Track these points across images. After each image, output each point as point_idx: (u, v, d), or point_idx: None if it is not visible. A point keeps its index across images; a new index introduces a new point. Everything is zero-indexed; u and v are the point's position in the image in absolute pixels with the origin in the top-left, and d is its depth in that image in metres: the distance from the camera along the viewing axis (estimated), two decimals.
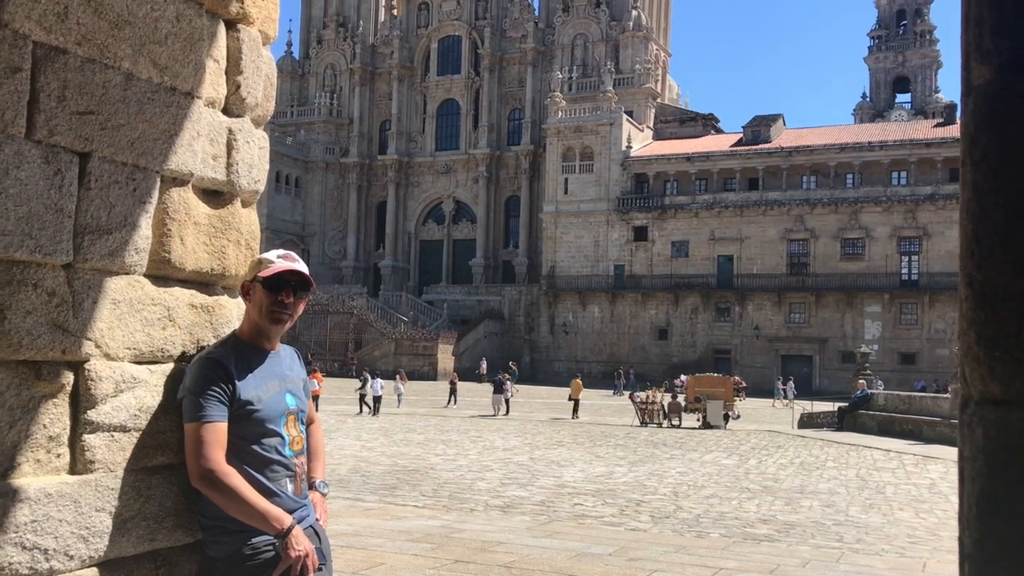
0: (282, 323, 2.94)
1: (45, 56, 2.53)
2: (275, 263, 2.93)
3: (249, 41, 3.25)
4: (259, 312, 2.91)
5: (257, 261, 2.99)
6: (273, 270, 2.91)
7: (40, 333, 2.52)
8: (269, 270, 2.91)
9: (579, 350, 66.58)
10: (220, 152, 3.16)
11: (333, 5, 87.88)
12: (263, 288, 2.89)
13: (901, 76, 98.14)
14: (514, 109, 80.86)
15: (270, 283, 2.89)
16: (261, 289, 2.90)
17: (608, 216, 66.67)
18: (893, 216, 59.39)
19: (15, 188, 2.43)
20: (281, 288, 2.90)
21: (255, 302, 2.92)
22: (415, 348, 62.77)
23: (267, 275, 2.90)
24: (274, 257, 2.97)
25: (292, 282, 2.92)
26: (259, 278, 2.91)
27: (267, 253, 3.02)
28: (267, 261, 2.95)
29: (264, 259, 2.96)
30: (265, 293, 2.89)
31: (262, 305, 2.90)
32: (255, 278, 2.93)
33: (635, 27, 75.60)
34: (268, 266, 2.93)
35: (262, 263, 2.95)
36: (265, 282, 2.89)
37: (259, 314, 2.91)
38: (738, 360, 61.54)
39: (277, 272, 2.90)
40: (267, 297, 2.89)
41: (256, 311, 2.92)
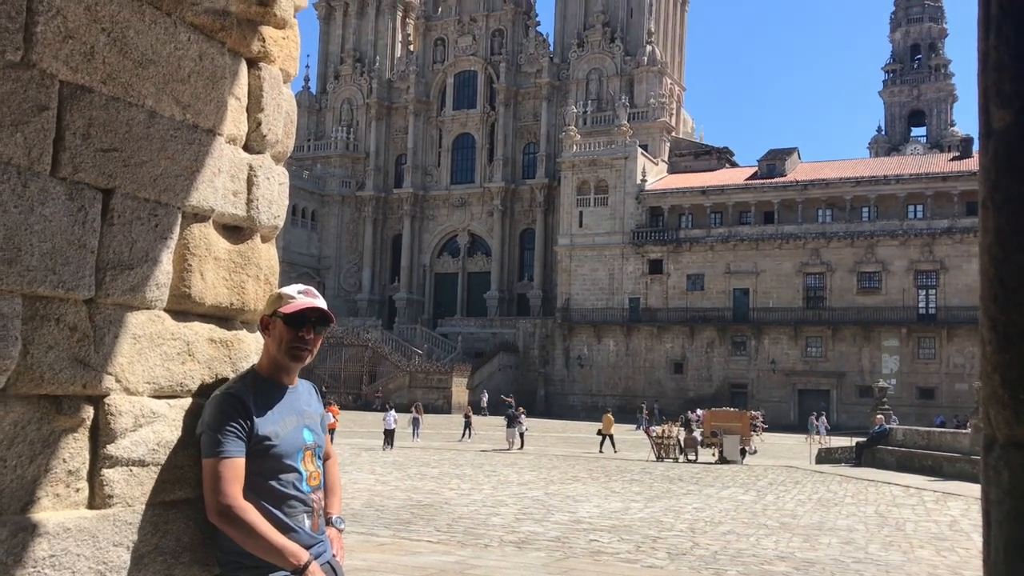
0: (302, 360, 2.94)
1: (71, 95, 2.57)
2: (296, 299, 2.94)
3: (270, 79, 3.30)
4: (279, 348, 2.91)
5: (277, 296, 2.99)
6: (295, 306, 2.92)
7: (62, 368, 2.54)
8: (291, 306, 2.92)
9: (594, 383, 66.32)
10: (240, 188, 3.19)
11: (350, 41, 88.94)
12: (284, 324, 2.90)
13: (916, 110, 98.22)
14: (529, 143, 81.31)
15: (292, 319, 2.90)
16: (282, 325, 2.90)
17: (623, 249, 66.69)
18: (910, 250, 59.14)
19: (40, 224, 2.46)
20: (302, 324, 2.91)
21: (275, 337, 2.92)
22: (429, 381, 62.70)
23: (289, 311, 2.90)
24: (295, 292, 2.97)
25: (313, 318, 2.93)
26: (280, 314, 2.91)
27: (287, 288, 3.02)
28: (287, 296, 2.95)
29: (284, 294, 2.97)
30: (286, 329, 2.90)
31: (282, 341, 2.90)
32: (275, 313, 2.93)
33: (649, 62, 76.08)
34: (289, 301, 2.94)
35: (282, 298, 2.96)
36: (287, 318, 2.90)
37: (279, 350, 2.91)
38: (755, 394, 61.13)
39: (300, 309, 2.91)
40: (288, 333, 2.90)
41: (276, 346, 2.92)
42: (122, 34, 2.71)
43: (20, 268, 2.41)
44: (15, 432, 2.44)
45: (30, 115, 2.45)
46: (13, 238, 2.39)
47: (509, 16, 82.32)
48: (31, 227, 2.44)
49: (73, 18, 2.56)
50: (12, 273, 2.39)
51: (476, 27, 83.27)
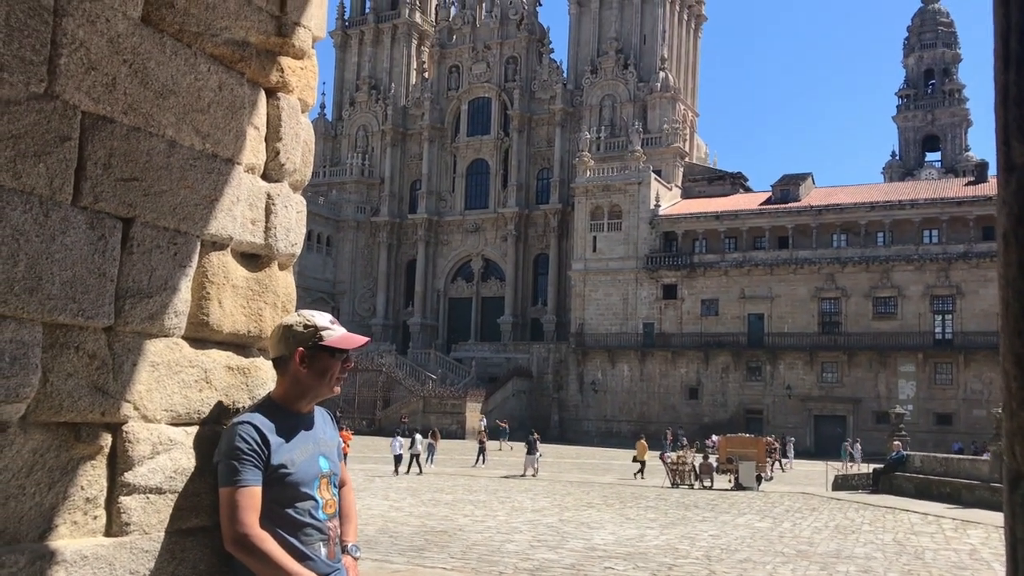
0: (339, 388, 3.01)
1: (93, 125, 2.61)
2: (333, 329, 2.96)
3: (288, 109, 3.34)
4: (323, 378, 2.92)
5: (312, 328, 2.95)
6: (342, 338, 2.95)
7: (81, 395, 2.55)
8: (337, 338, 2.94)
9: (608, 409, 66.05)
10: (259, 216, 3.22)
11: (366, 68, 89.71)
12: (329, 355, 2.92)
13: (931, 135, 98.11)
14: (543, 168, 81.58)
15: (339, 351, 2.94)
16: (328, 356, 2.92)
17: (637, 274, 66.62)
18: (925, 275, 58.83)
19: (61, 253, 2.49)
20: (346, 355, 2.97)
21: (317, 369, 2.91)
22: (443, 406, 62.58)
23: (337, 344, 2.93)
24: (327, 323, 2.98)
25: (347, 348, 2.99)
26: (327, 345, 2.92)
27: (315, 318, 2.99)
28: (323, 327, 2.95)
29: (320, 325, 2.96)
30: (333, 360, 2.93)
31: (329, 372, 2.93)
32: (315, 345, 2.92)
33: (663, 88, 76.36)
34: (328, 334, 2.94)
35: (319, 330, 2.95)
36: (334, 350, 2.93)
37: (322, 380, 2.93)
38: (770, 420, 60.73)
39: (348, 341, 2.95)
40: (335, 365, 2.94)
41: (317, 377, 2.92)
42: (143, 65, 2.75)
43: (41, 296, 2.43)
44: (34, 460, 2.46)
45: (52, 145, 2.48)
46: (34, 267, 2.41)
47: (523, 44, 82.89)
48: (52, 256, 2.47)
49: (96, 50, 2.60)
50: (33, 301, 2.41)
51: (490, 54, 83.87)
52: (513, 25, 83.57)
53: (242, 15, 3.08)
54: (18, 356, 2.36)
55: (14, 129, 2.38)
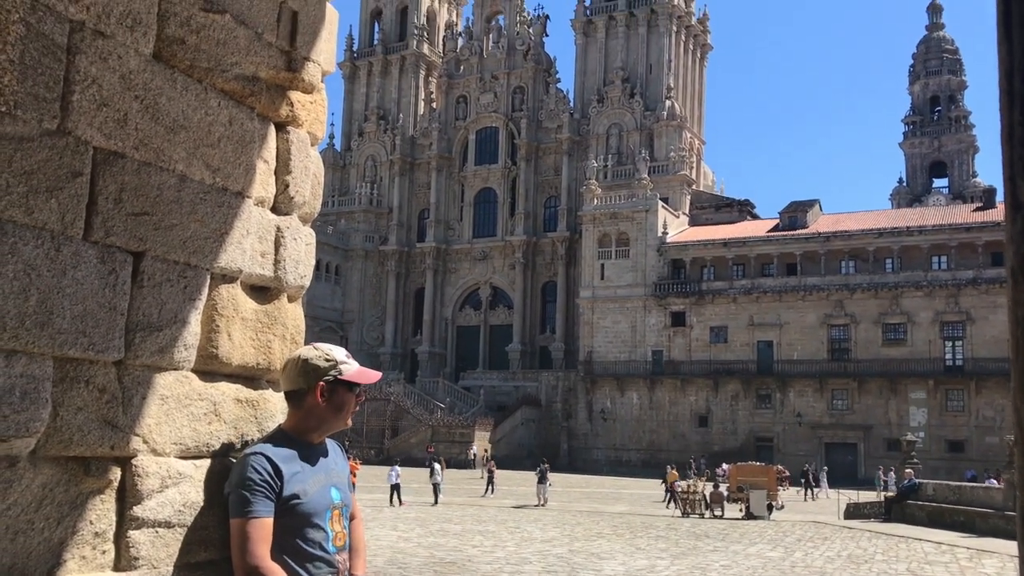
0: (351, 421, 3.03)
1: (104, 160, 2.63)
2: (349, 363, 2.98)
3: (298, 142, 3.36)
4: (342, 412, 2.96)
5: (331, 362, 2.95)
6: (358, 372, 2.98)
7: (90, 429, 2.56)
8: (355, 372, 2.97)
9: (618, 437, 65.71)
10: (268, 249, 3.24)
11: (374, 99, 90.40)
12: (347, 389, 2.95)
13: (937, 161, 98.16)
14: (550, 197, 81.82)
15: (354, 385, 2.97)
16: (346, 390, 2.95)
17: (645, 301, 66.53)
18: (935, 301, 58.60)
19: (72, 288, 2.50)
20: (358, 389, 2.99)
21: (335, 403, 2.94)
22: (452, 435, 62.36)
23: (356, 378, 2.96)
24: (343, 356, 2.99)
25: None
26: (345, 380, 2.94)
27: (331, 351, 3.00)
28: (341, 361, 2.97)
29: (339, 359, 2.97)
30: (350, 394, 2.96)
31: (346, 406, 2.96)
32: (335, 379, 2.93)
33: (669, 116, 76.68)
34: (344, 368, 2.96)
35: (337, 364, 2.96)
36: (351, 384, 2.95)
37: (337, 414, 2.95)
38: (780, 448, 60.32)
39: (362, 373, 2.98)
40: (352, 398, 2.97)
41: (336, 411, 2.94)
42: (155, 101, 2.78)
43: (52, 331, 2.44)
44: (44, 494, 2.46)
45: (64, 181, 2.50)
46: (46, 301, 2.43)
47: (530, 74, 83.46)
48: (63, 290, 2.48)
49: (108, 87, 2.63)
50: (44, 336, 2.42)
51: (497, 84, 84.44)
52: (520, 55, 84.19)
53: (252, 51, 3.11)
54: (29, 391, 2.37)
55: (27, 165, 2.40)
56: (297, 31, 3.30)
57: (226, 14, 3.02)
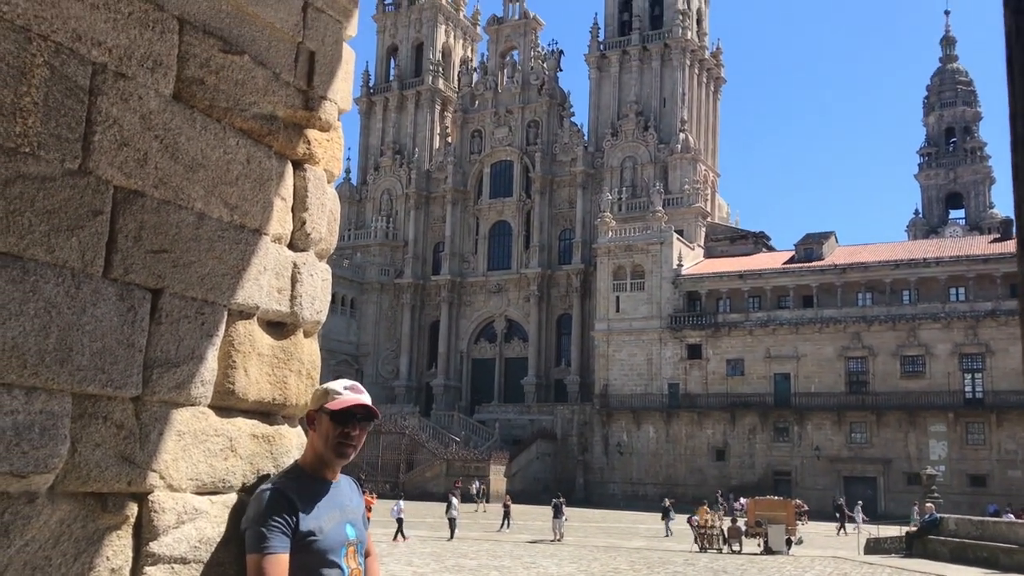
0: (347, 456, 2.96)
1: (124, 199, 2.67)
2: (343, 395, 2.96)
3: (315, 180, 3.40)
4: (325, 443, 2.93)
5: (323, 391, 3.00)
6: (342, 403, 2.93)
7: (108, 465, 2.57)
8: (338, 403, 2.94)
9: (634, 471, 65.21)
10: (285, 285, 3.26)
11: (390, 134, 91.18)
12: (330, 420, 2.92)
13: (953, 192, 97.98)
14: (564, 229, 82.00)
15: (338, 416, 2.92)
16: (328, 421, 2.92)
17: (661, 334, 66.31)
18: (953, 333, 58.14)
19: (91, 325, 2.53)
20: (349, 421, 2.93)
21: (321, 433, 2.94)
22: (467, 469, 62.01)
23: (336, 408, 2.92)
24: (341, 388, 2.99)
25: (359, 415, 2.96)
26: (327, 410, 2.93)
27: (333, 383, 3.03)
28: (334, 392, 2.97)
29: (331, 390, 2.99)
30: (332, 425, 2.92)
31: (328, 437, 2.92)
32: (321, 408, 2.95)
33: (683, 149, 76.91)
34: (335, 397, 2.95)
35: (329, 393, 2.97)
36: (333, 415, 2.92)
37: (325, 445, 2.93)
38: (799, 482, 59.70)
39: (347, 406, 2.93)
40: (334, 430, 2.92)
41: (322, 442, 2.94)
42: (174, 140, 2.82)
43: (71, 368, 2.47)
44: (61, 530, 2.47)
45: (85, 220, 2.54)
46: (65, 338, 2.46)
47: (544, 108, 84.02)
48: (83, 327, 2.51)
49: (128, 127, 2.68)
50: (63, 372, 2.45)
51: (512, 119, 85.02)
52: (534, 90, 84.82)
53: (270, 90, 3.16)
54: (48, 427, 2.39)
55: (49, 204, 2.44)
56: (314, 71, 3.35)
57: (245, 55, 3.07)
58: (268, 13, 3.15)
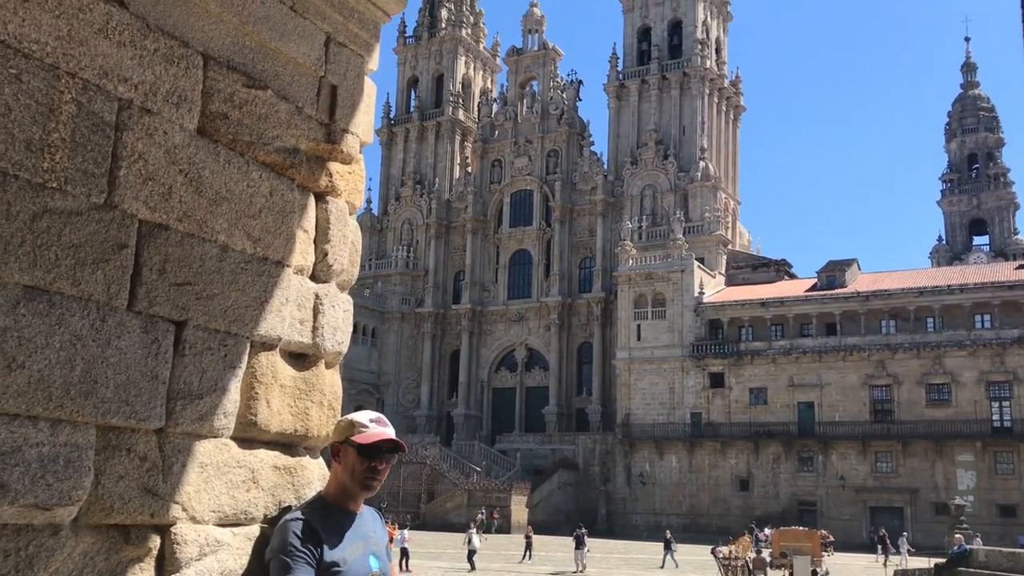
0: (373, 489, 2.94)
1: (149, 233, 2.71)
2: (369, 428, 2.94)
3: (337, 212, 3.43)
4: (351, 476, 2.91)
5: (349, 423, 2.97)
6: (370, 437, 2.91)
7: (131, 497, 2.58)
8: (366, 436, 2.92)
9: (657, 502, 64.59)
10: (307, 317, 3.28)
11: (411, 164, 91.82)
12: (357, 454, 2.90)
13: (977, 219, 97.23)
14: (585, 258, 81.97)
15: (366, 450, 2.90)
16: (355, 454, 2.90)
17: (683, 363, 65.93)
18: (979, 360, 57.45)
19: (115, 357, 2.55)
20: (375, 455, 2.92)
21: (346, 465, 2.92)
22: (488, 499, 61.67)
23: (364, 442, 2.90)
24: (367, 421, 2.97)
25: (385, 448, 2.95)
26: (354, 443, 2.91)
27: (358, 415, 3.01)
28: (360, 425, 2.95)
29: (357, 422, 2.96)
30: (359, 459, 2.90)
31: (354, 470, 2.90)
32: (347, 441, 2.93)
33: (703, 177, 76.89)
34: (362, 431, 2.93)
35: (355, 426, 2.95)
36: (361, 449, 2.90)
37: (351, 478, 2.91)
38: (824, 512, 58.92)
39: (375, 441, 2.92)
40: (360, 463, 2.90)
41: (348, 475, 2.91)
42: (198, 174, 2.86)
43: (95, 400, 2.49)
44: (84, 563, 2.47)
45: (110, 253, 2.57)
46: (90, 371, 2.48)
47: (564, 137, 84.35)
48: (107, 360, 2.53)
49: (153, 161, 2.71)
50: (88, 405, 2.47)
51: (532, 148, 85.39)
52: (554, 120, 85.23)
53: (293, 124, 3.20)
54: (72, 459, 2.41)
55: (75, 239, 2.47)
56: (336, 104, 3.39)
57: (268, 89, 3.11)
58: (291, 48, 3.20)
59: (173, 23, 2.79)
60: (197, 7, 2.86)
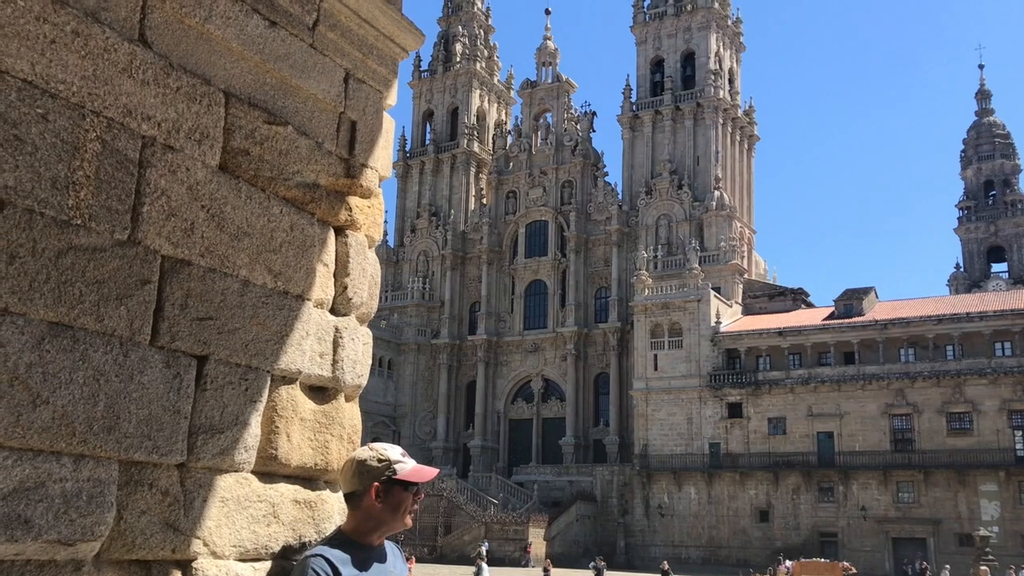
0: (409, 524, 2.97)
1: (171, 268, 2.73)
2: (405, 462, 2.96)
3: (356, 245, 3.45)
4: (399, 512, 2.91)
5: (386, 462, 2.93)
6: (414, 471, 2.94)
7: (153, 533, 2.58)
8: (409, 471, 2.93)
9: (676, 534, 63.91)
10: (327, 350, 3.29)
11: (426, 196, 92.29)
12: (403, 489, 2.91)
13: (995, 246, 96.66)
14: (600, 288, 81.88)
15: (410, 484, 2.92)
16: (401, 490, 2.90)
17: (700, 392, 65.52)
18: (1001, 389, 56.81)
19: (138, 392, 2.57)
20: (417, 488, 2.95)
21: (391, 503, 2.89)
22: (505, 532, 61.24)
23: (411, 477, 2.91)
24: (398, 455, 2.97)
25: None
26: (400, 479, 2.90)
27: (386, 450, 2.97)
28: (396, 460, 2.95)
29: (393, 459, 2.95)
30: (406, 494, 2.91)
31: (402, 505, 2.90)
32: (389, 479, 2.91)
33: (718, 207, 76.87)
34: (401, 467, 2.94)
35: (392, 463, 2.94)
36: (407, 483, 2.91)
37: (399, 514, 2.91)
38: (845, 543, 58.11)
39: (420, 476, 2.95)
40: (408, 498, 2.92)
41: (392, 511, 2.90)
42: (220, 210, 2.89)
43: (118, 435, 2.50)
44: None
45: (134, 289, 2.60)
46: (113, 406, 2.49)
47: (578, 168, 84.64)
48: (130, 395, 2.54)
49: (176, 197, 2.74)
50: (111, 440, 2.48)
51: (546, 179, 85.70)
52: (568, 151, 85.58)
53: (313, 159, 3.23)
54: (95, 494, 2.41)
55: (98, 275, 2.50)
56: (356, 139, 3.42)
57: (288, 125, 3.15)
58: (311, 85, 3.24)
59: (195, 61, 2.83)
60: (219, 45, 2.90)
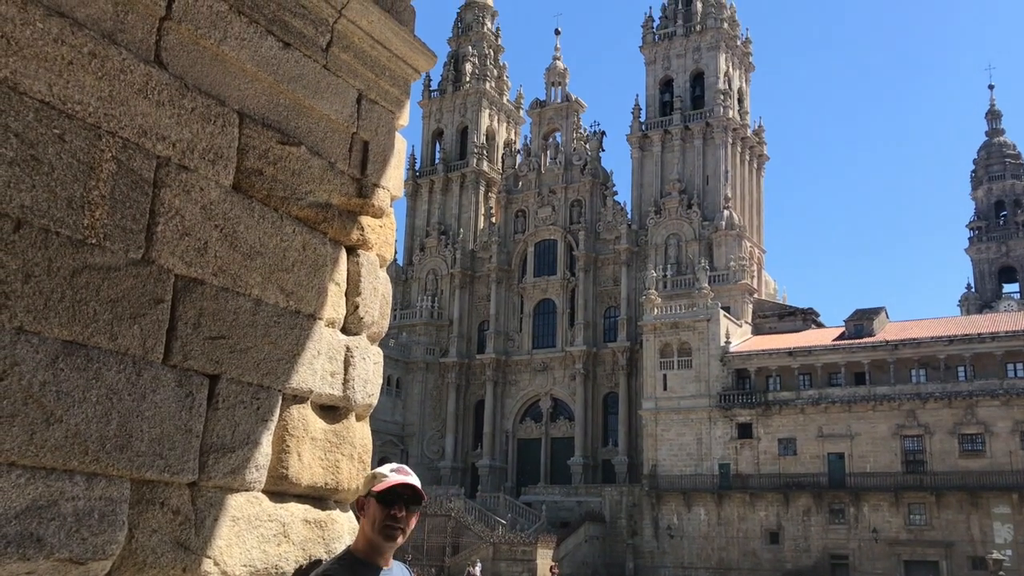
0: (395, 539, 2.92)
1: (185, 287, 2.74)
2: (389, 477, 2.96)
3: (368, 265, 3.46)
4: (372, 527, 2.90)
5: (372, 476, 3.01)
6: (387, 483, 2.93)
7: (164, 551, 2.58)
8: (383, 484, 2.93)
9: (686, 555, 63.44)
10: (338, 369, 3.30)
11: (436, 215, 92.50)
12: (377, 502, 2.91)
13: (1007, 266, 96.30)
14: (609, 307, 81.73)
15: (384, 497, 2.90)
16: (375, 504, 2.90)
17: (710, 413, 65.20)
18: (1013, 410, 56.38)
19: (150, 411, 2.57)
20: (394, 502, 2.91)
21: (369, 517, 2.92)
22: (513, 553, 60.84)
23: (381, 489, 2.91)
24: (388, 471, 2.99)
25: (405, 496, 2.94)
26: (373, 492, 2.92)
27: (381, 467, 3.04)
28: (381, 475, 2.97)
29: (379, 473, 2.99)
30: (379, 507, 2.90)
31: (375, 520, 2.90)
32: (369, 493, 2.95)
33: (728, 226, 76.78)
34: (382, 480, 2.95)
35: (376, 478, 2.97)
36: (379, 496, 2.90)
37: (372, 529, 2.91)
38: (856, 566, 57.60)
39: (391, 485, 2.92)
40: (380, 512, 2.89)
41: (370, 526, 2.91)
42: (233, 230, 2.90)
43: (130, 454, 2.50)
44: None
45: (147, 308, 2.61)
46: (125, 425, 2.50)
47: (587, 187, 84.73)
48: (142, 414, 2.55)
49: (190, 217, 2.76)
50: (123, 459, 2.48)
51: (555, 199, 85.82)
52: (577, 170, 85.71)
53: (325, 179, 3.25)
54: (106, 513, 2.41)
55: (112, 294, 2.51)
56: (368, 160, 3.44)
57: (301, 146, 3.17)
58: (324, 105, 3.26)
59: (210, 82, 2.85)
60: (234, 66, 2.93)
